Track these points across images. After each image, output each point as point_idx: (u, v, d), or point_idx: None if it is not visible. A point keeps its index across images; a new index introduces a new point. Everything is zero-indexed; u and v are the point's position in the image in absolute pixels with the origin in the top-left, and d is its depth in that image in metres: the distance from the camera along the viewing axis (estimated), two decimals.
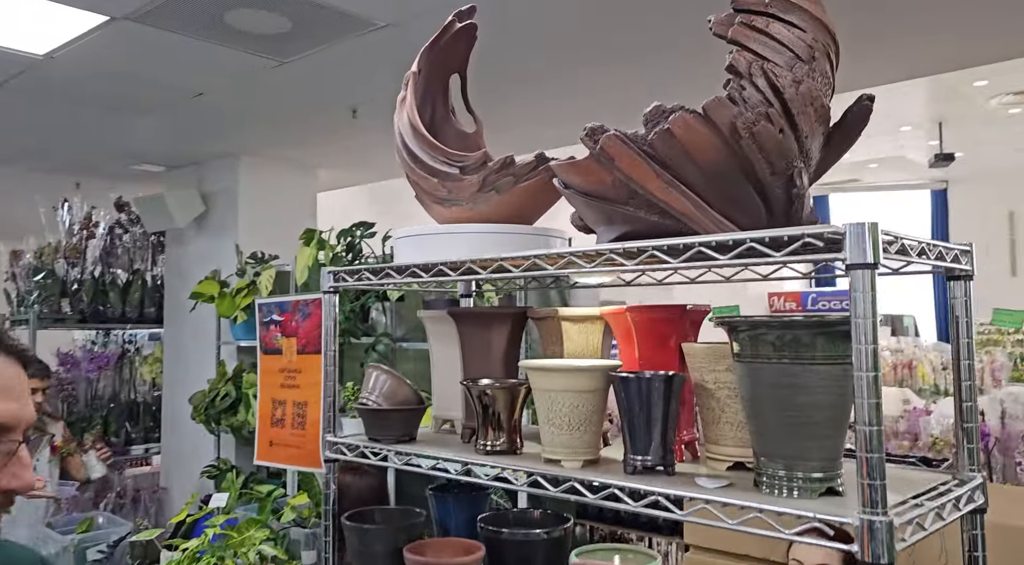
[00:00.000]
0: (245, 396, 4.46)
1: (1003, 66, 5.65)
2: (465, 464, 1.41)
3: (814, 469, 1.08)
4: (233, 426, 4.58)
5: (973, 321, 1.22)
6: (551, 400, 1.33)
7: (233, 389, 4.59)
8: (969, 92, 7.42)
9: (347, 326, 4.04)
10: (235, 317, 4.55)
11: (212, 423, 4.69)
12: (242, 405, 4.52)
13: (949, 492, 1.14)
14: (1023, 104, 8.01)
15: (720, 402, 1.28)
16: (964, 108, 7.88)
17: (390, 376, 1.64)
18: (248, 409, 4.43)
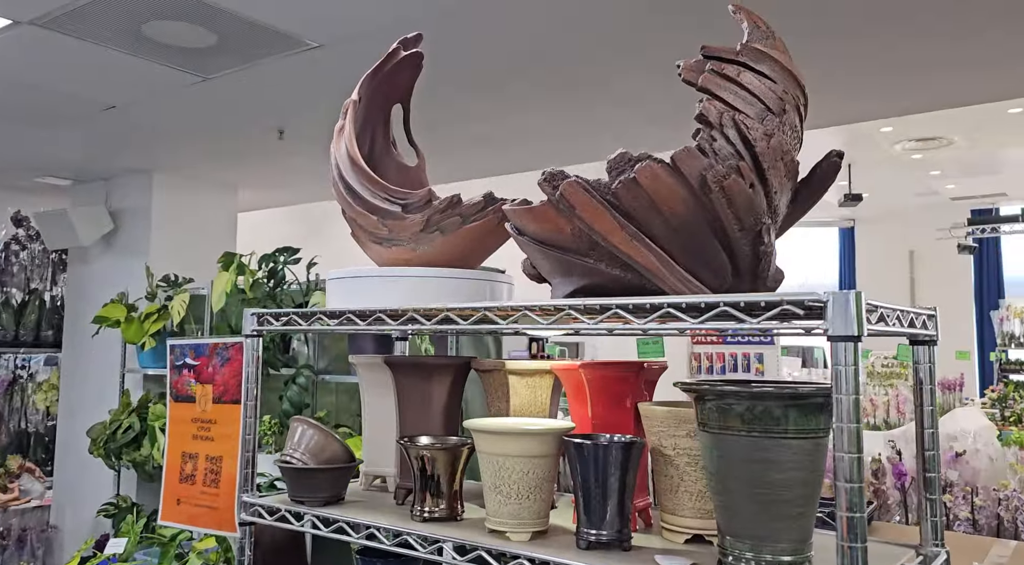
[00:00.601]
0: (151, 429, 4.17)
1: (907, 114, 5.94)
2: (400, 534, 1.28)
3: (784, 551, 1.01)
4: (136, 461, 4.26)
5: (936, 388, 1.18)
6: (498, 466, 1.22)
7: (138, 421, 4.29)
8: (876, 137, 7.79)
9: (267, 357, 3.83)
10: (143, 344, 4.26)
11: (112, 457, 4.36)
12: (147, 439, 4.22)
13: None
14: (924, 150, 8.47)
15: (679, 470, 1.20)
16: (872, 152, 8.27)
17: (317, 431, 1.50)
18: (153, 443, 4.14)
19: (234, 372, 1.71)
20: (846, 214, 11.38)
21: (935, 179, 9.78)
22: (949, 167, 9.29)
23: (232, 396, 1.71)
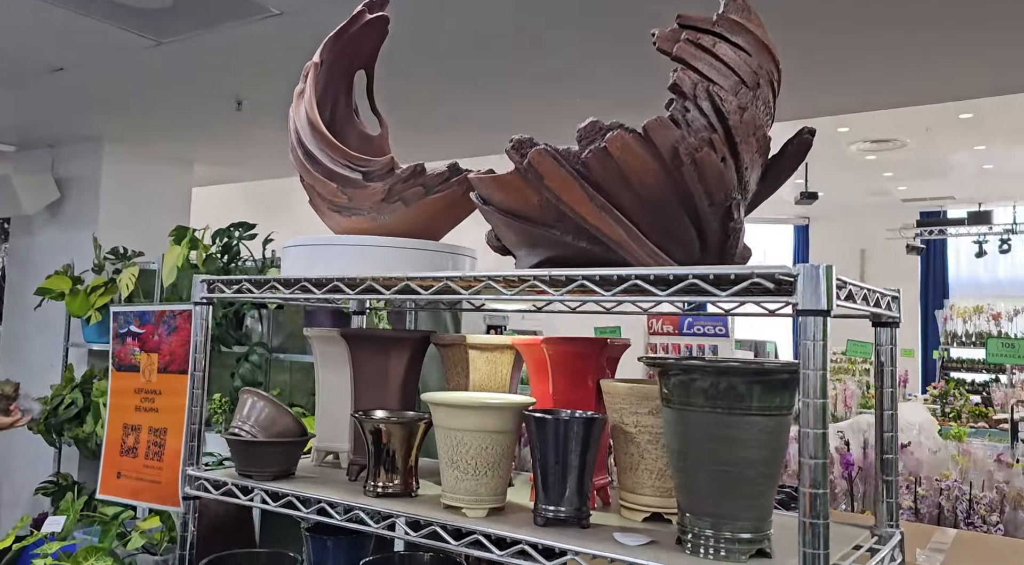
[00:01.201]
0: (94, 405, 4.04)
1: (863, 115, 6.05)
2: (352, 509, 1.24)
3: (744, 529, 1.00)
4: (78, 438, 4.13)
5: (898, 369, 1.18)
6: (456, 440, 1.19)
7: (81, 397, 4.15)
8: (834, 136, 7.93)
9: (218, 333, 3.73)
10: (88, 317, 4.12)
11: (53, 434, 4.21)
12: (90, 415, 4.09)
13: (874, 552, 1.08)
14: (878, 151, 8.66)
15: (640, 447, 1.18)
16: (828, 151, 8.42)
17: (268, 403, 1.45)
18: (97, 420, 4.01)
19: (181, 341, 1.64)
20: (801, 212, 11.60)
21: (888, 180, 10.01)
22: (901, 169, 9.51)
23: (179, 366, 1.65)
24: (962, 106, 6.79)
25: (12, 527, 3.12)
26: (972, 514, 3.44)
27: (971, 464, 3.74)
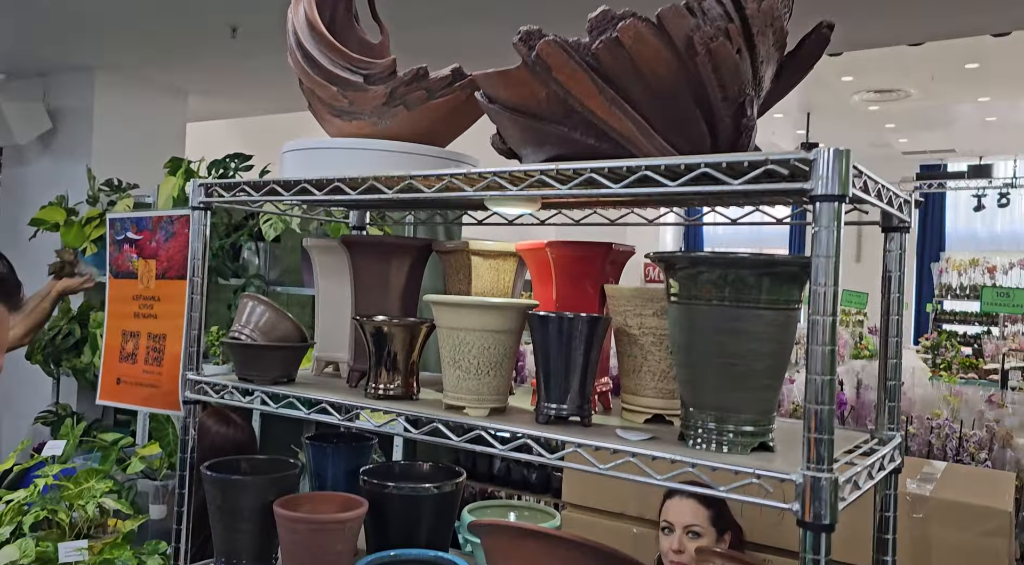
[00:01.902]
0: (92, 336, 4.04)
1: (867, 64, 5.93)
2: (352, 408, 1.24)
3: (747, 422, 1.00)
4: (76, 368, 4.14)
5: (905, 275, 1.17)
6: (459, 340, 1.18)
7: (78, 328, 4.15)
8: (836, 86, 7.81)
9: (215, 264, 3.71)
10: (84, 249, 4.08)
11: (51, 364, 4.23)
12: (87, 346, 4.09)
13: (875, 451, 1.09)
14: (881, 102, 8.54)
15: (643, 349, 1.17)
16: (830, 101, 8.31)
17: (268, 308, 1.43)
18: (95, 351, 4.02)
19: (179, 247, 1.62)
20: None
21: (889, 132, 9.91)
22: (903, 120, 9.41)
23: (177, 272, 1.63)
24: (968, 55, 6.68)
25: (12, 451, 3.14)
26: (961, 451, 3.50)
27: (962, 404, 3.78)
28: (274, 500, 1.37)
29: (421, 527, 1.42)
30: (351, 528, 1.34)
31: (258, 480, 1.41)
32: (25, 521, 2.60)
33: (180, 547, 1.43)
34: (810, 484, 0.86)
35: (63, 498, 2.76)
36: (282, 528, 1.34)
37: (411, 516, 1.42)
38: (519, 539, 1.07)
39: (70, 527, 2.79)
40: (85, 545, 2.54)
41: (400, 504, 1.41)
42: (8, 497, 2.73)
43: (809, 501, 0.86)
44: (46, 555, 2.55)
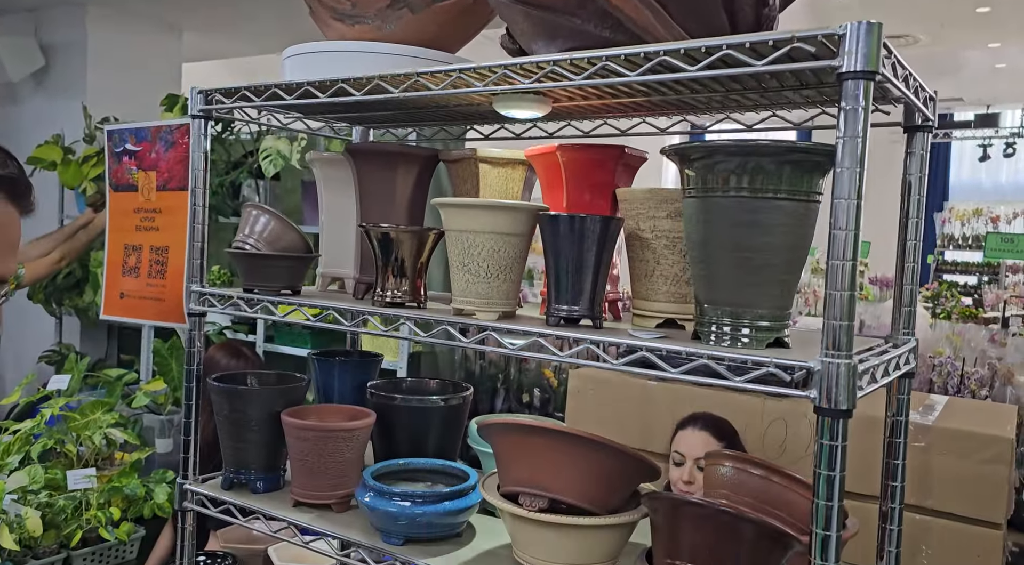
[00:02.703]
0: (93, 276, 4.02)
1: (876, 8, 5.77)
2: (360, 314, 1.23)
3: (763, 317, 0.98)
4: (79, 307, 4.13)
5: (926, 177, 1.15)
6: (468, 243, 1.16)
7: (78, 267, 4.12)
8: None
9: (215, 202, 3.66)
10: (83, 188, 4.03)
11: (53, 303, 4.22)
12: (89, 285, 4.07)
13: (887, 352, 1.07)
14: None
15: (656, 253, 1.15)
16: None
17: (274, 217, 1.41)
18: (96, 290, 4.00)
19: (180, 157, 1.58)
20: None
21: None
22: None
23: (178, 183, 1.60)
24: None
25: None
26: (963, 389, 3.51)
27: (964, 344, 3.79)
28: (281, 411, 1.36)
29: (429, 439, 1.42)
30: (359, 437, 1.34)
31: (265, 390, 1.40)
32: (33, 450, 2.62)
33: (189, 457, 1.43)
34: (829, 369, 0.85)
35: (70, 429, 2.78)
36: (290, 436, 1.33)
37: (419, 428, 1.41)
38: (530, 436, 1.06)
39: (77, 458, 2.81)
40: (93, 472, 2.56)
41: (408, 416, 1.41)
42: (15, 427, 2.75)
43: (827, 387, 0.84)
44: (55, 482, 2.57)
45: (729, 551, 0.94)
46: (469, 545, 1.24)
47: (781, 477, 1.11)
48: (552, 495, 1.06)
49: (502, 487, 1.13)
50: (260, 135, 3.77)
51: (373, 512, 1.21)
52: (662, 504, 0.99)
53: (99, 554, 2.56)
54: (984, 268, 11.42)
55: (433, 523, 1.20)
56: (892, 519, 1.19)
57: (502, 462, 1.13)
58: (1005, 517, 2.37)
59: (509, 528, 1.13)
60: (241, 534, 2.36)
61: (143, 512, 2.68)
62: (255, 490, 1.41)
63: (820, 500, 0.85)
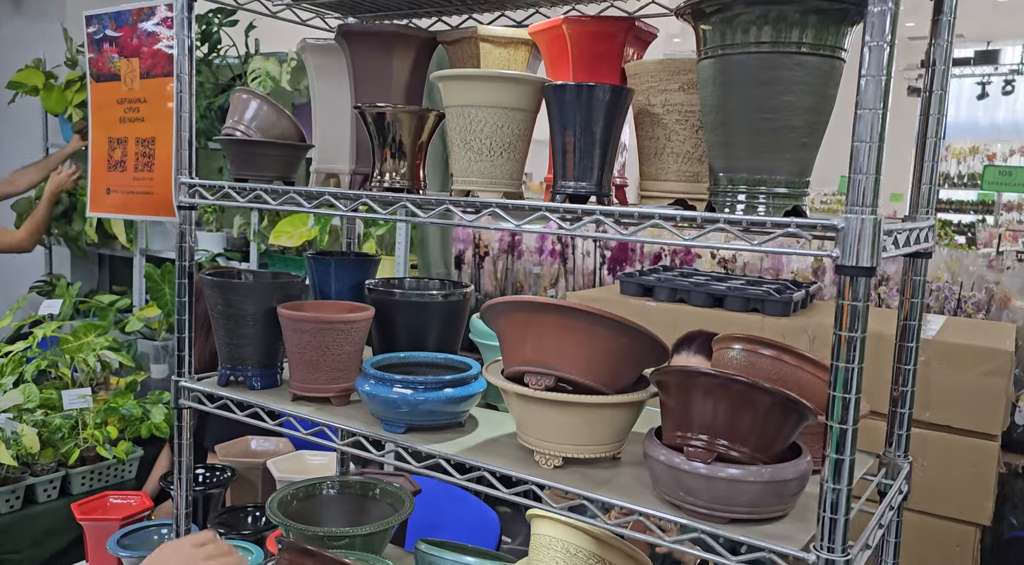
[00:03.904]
0: (80, 204, 3.94)
1: None
2: (358, 197, 1.18)
3: (781, 184, 0.94)
4: (68, 235, 4.07)
5: None
6: (470, 118, 1.10)
7: (66, 195, 4.04)
8: None
9: (203, 126, 3.57)
10: (68, 115, 3.92)
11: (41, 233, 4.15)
12: (77, 214, 4.00)
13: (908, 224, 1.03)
14: None
15: (667, 129, 1.10)
16: None
17: (266, 103, 1.35)
18: (85, 219, 3.93)
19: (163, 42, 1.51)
20: None
21: None
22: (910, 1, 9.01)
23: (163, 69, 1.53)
24: None
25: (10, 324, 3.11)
26: (959, 313, 3.51)
27: (962, 269, 3.77)
28: (278, 304, 1.32)
29: (429, 335, 1.39)
30: (358, 329, 1.31)
31: (261, 283, 1.36)
32: (27, 371, 2.60)
33: (184, 355, 1.40)
34: (852, 225, 0.81)
35: (63, 351, 2.75)
36: (287, 330, 1.30)
37: (419, 324, 1.38)
38: (537, 314, 1.03)
39: (71, 381, 2.79)
40: (88, 392, 2.54)
41: (407, 312, 1.37)
42: (6, 349, 2.72)
43: (851, 242, 0.81)
44: (50, 401, 2.55)
45: (742, 422, 0.92)
46: (472, 433, 1.22)
47: (793, 356, 1.08)
48: (559, 373, 1.03)
49: (506, 370, 1.11)
50: (248, 57, 3.66)
51: (373, 400, 1.18)
52: (672, 377, 0.96)
53: (98, 473, 2.56)
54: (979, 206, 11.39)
55: (435, 411, 1.17)
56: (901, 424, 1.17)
57: (507, 344, 1.10)
58: (1001, 430, 2.38)
59: (514, 411, 1.10)
60: (240, 449, 2.36)
61: (141, 432, 2.67)
62: (252, 387, 1.38)
63: (840, 362, 0.82)
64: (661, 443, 0.97)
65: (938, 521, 2.34)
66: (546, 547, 1.28)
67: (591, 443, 1.06)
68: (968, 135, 12.62)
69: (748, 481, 0.90)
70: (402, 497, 1.63)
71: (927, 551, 2.32)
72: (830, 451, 0.83)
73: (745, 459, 0.92)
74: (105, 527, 1.87)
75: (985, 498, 2.33)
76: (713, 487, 0.91)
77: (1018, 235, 7.98)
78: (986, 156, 11.66)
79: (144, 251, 3.86)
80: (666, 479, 0.95)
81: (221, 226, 3.86)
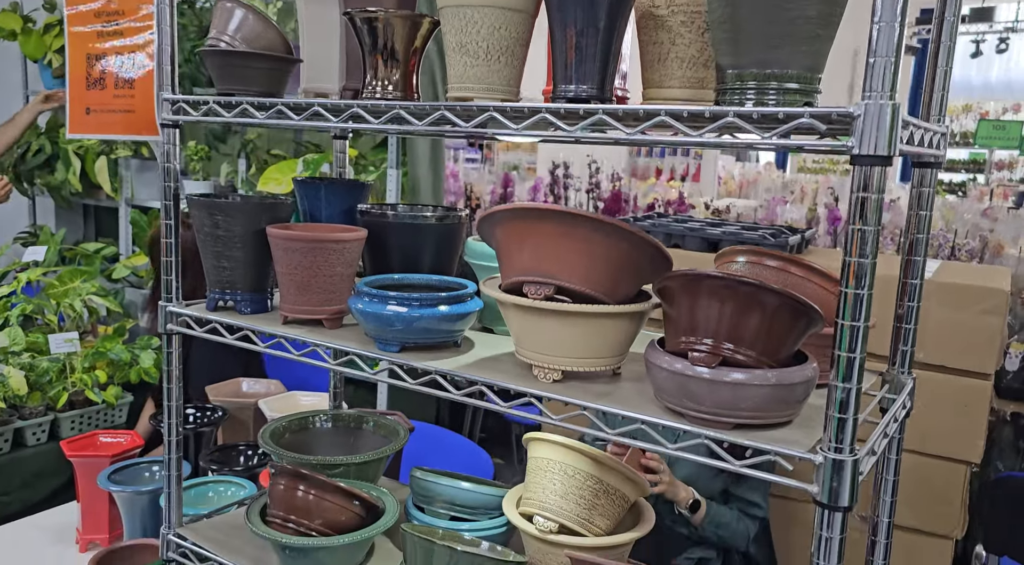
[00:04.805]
0: (64, 152, 3.86)
1: None
2: (349, 107, 1.13)
3: (792, 78, 0.90)
4: (51, 185, 3.99)
5: None
6: (466, 20, 1.05)
7: (48, 144, 3.95)
8: None
9: (187, 70, 3.48)
10: (48, 61, 3.81)
11: (24, 182, 4.07)
12: (60, 163, 3.92)
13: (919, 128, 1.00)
14: None
15: (671, 33, 1.06)
16: None
17: (251, 12, 1.29)
18: (68, 167, 3.85)
19: None
20: None
21: None
22: None
23: None
24: None
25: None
26: (953, 260, 3.50)
27: (957, 216, 3.76)
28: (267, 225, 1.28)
29: (423, 258, 1.35)
30: (350, 250, 1.27)
31: (249, 203, 1.32)
32: (12, 314, 2.55)
33: (171, 279, 1.36)
34: (870, 111, 0.77)
35: (49, 296, 2.70)
36: (277, 250, 1.26)
37: (412, 248, 1.35)
38: (537, 222, 0.99)
39: (58, 328, 2.75)
40: (76, 336, 2.50)
41: (401, 234, 1.34)
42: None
43: (867, 131, 0.77)
44: (37, 345, 2.51)
45: (748, 325, 0.89)
46: (469, 353, 1.19)
47: (799, 267, 1.06)
48: (558, 282, 1.00)
49: (504, 283, 1.08)
50: None
51: (367, 318, 1.15)
52: (677, 281, 0.93)
53: (87, 417, 2.54)
54: (970, 165, 11.37)
55: (430, 328, 1.14)
56: (906, 340, 1.15)
57: (505, 255, 1.06)
58: (995, 368, 2.38)
59: (512, 324, 1.07)
60: (230, 390, 2.33)
61: (130, 377, 2.64)
62: (242, 312, 1.35)
63: (852, 257, 0.79)
64: (664, 350, 0.95)
65: (929, 460, 2.35)
66: (544, 470, 1.26)
67: (590, 356, 1.04)
68: (961, 94, 12.56)
69: (754, 384, 0.88)
70: (396, 429, 1.61)
71: (919, 491, 2.33)
72: (840, 350, 0.81)
73: (751, 363, 0.90)
74: (95, 464, 1.85)
75: (977, 436, 2.34)
76: (718, 392, 0.89)
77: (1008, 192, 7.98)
78: (979, 114, 11.61)
79: (130, 201, 3.79)
80: (669, 387, 0.93)
81: (208, 174, 3.78)
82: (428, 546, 1.15)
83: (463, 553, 1.13)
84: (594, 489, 1.23)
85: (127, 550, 1.65)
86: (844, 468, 0.82)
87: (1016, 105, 11.81)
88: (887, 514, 1.17)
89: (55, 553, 1.87)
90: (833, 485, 0.82)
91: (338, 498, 1.28)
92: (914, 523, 2.37)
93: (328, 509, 1.27)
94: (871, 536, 1.18)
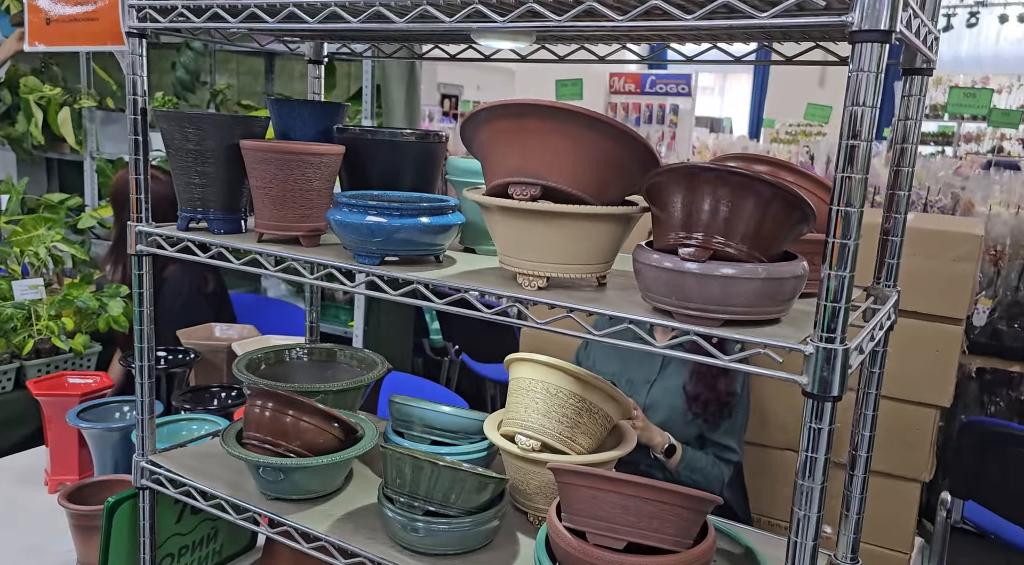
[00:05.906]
0: (25, 103, 3.73)
1: None
2: (326, 7, 1.08)
3: None
4: (12, 137, 3.86)
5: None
6: None
7: (8, 94, 3.82)
8: None
9: None
10: (5, 5, 3.67)
11: None
12: (21, 114, 3.79)
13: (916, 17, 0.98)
14: None
15: None
16: None
17: None
18: (30, 119, 3.73)
19: None
20: None
21: None
22: None
23: None
24: None
25: None
26: None
27: (930, 174, 3.80)
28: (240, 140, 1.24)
29: (403, 177, 1.32)
30: (327, 164, 1.23)
31: (222, 118, 1.27)
32: None
33: (140, 198, 1.31)
34: None
35: (12, 243, 2.62)
36: (251, 162, 1.22)
37: (392, 166, 1.31)
38: (522, 119, 0.96)
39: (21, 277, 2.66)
40: (41, 282, 2.43)
41: (380, 152, 1.30)
42: None
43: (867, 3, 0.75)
44: (0, 292, 2.44)
45: (740, 218, 0.88)
46: (451, 267, 1.16)
47: (791, 172, 1.04)
48: (545, 182, 0.97)
49: (489, 186, 1.05)
50: None
51: (346, 229, 1.11)
52: (667, 176, 0.91)
53: (54, 366, 2.47)
54: (939, 137, 11.51)
55: (412, 240, 1.11)
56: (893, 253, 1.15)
57: (490, 158, 1.03)
58: (966, 314, 2.41)
59: (496, 230, 1.05)
60: (203, 333, 2.29)
61: (99, 326, 2.57)
62: (215, 232, 1.31)
63: (848, 139, 0.78)
64: (652, 249, 0.93)
65: (899, 405, 2.37)
66: (526, 390, 1.25)
67: (576, 262, 1.02)
68: None
69: (744, 278, 0.86)
70: (374, 360, 1.59)
71: (888, 435, 2.36)
72: (834, 237, 0.80)
73: (742, 257, 0.88)
74: (63, 403, 1.80)
75: (947, 382, 2.37)
76: (707, 287, 0.87)
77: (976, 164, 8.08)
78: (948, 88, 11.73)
79: (95, 155, 3.68)
80: (657, 285, 0.91)
81: None
82: (411, 462, 1.13)
83: (445, 468, 1.11)
84: (577, 407, 1.21)
85: (97, 486, 1.61)
86: (835, 357, 0.81)
87: (985, 78, 11.96)
88: (865, 449, 1.17)
89: (23, 494, 1.83)
90: (824, 375, 0.82)
91: (316, 419, 1.25)
92: (883, 467, 2.40)
93: (306, 431, 1.24)
94: (849, 470, 1.18)
